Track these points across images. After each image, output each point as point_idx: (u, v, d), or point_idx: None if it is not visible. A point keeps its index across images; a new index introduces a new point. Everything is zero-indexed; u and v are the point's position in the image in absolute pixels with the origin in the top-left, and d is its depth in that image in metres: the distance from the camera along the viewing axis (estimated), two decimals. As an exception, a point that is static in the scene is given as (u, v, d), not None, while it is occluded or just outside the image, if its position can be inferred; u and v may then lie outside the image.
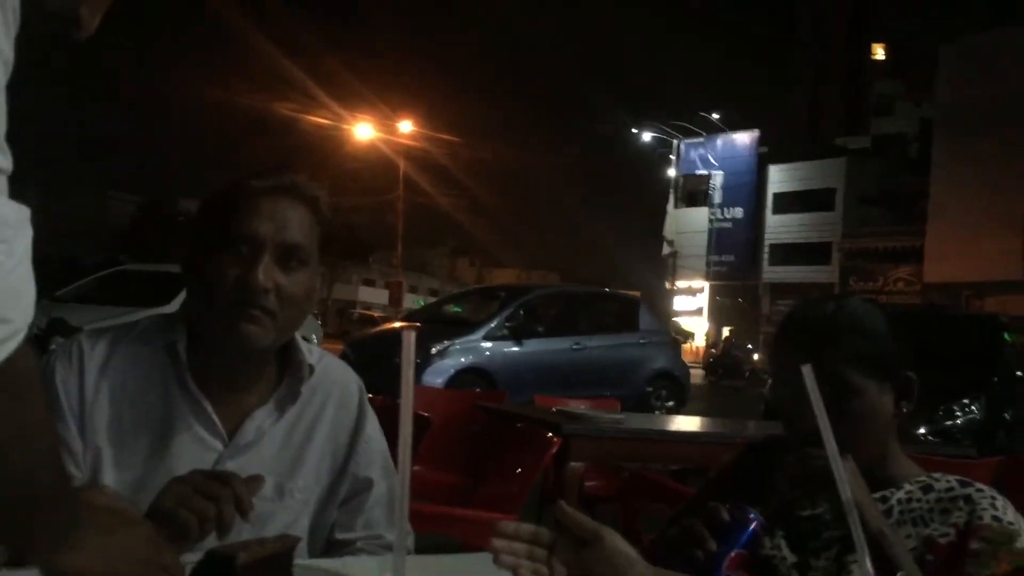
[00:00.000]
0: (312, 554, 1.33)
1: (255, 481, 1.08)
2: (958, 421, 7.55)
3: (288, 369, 1.33)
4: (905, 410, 1.25)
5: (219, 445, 1.26)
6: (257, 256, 1.22)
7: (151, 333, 1.29)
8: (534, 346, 10.75)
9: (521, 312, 11.06)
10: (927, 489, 1.21)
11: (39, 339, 7.38)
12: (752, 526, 1.01)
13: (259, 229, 1.23)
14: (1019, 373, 8.86)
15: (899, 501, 1.21)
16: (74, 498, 0.75)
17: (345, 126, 34.83)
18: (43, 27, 0.61)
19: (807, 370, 0.88)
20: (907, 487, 1.22)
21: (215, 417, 1.26)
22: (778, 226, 48.56)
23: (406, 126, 34.68)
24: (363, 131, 34.69)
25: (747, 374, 30.59)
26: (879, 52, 61.96)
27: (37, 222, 0.60)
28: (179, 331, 1.27)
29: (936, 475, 1.23)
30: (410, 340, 0.62)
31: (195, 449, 1.25)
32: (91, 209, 52.07)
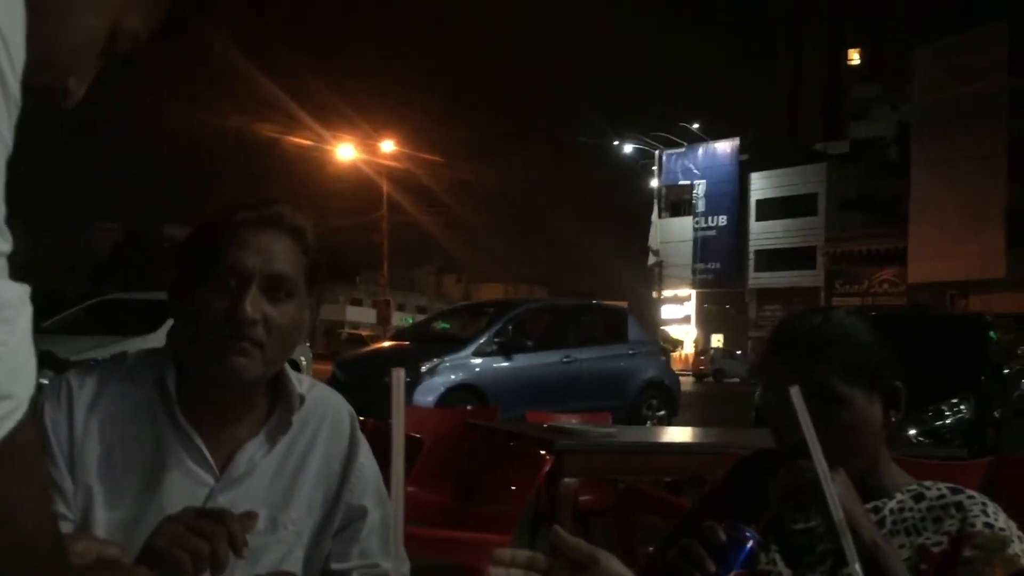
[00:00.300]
0: (308, 586, 1.32)
1: (249, 518, 1.08)
2: (947, 421, 7.58)
3: (279, 400, 1.33)
4: (894, 419, 1.27)
5: (210, 479, 1.25)
6: (244, 288, 1.22)
7: (139, 368, 1.29)
8: (524, 361, 10.75)
9: (510, 327, 11.07)
10: (919, 498, 1.22)
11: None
12: (749, 545, 1.01)
13: (245, 261, 1.23)
14: (1006, 371, 8.91)
15: (891, 511, 1.21)
16: (69, 566, 0.75)
17: (327, 147, 34.85)
18: (29, 100, 0.61)
19: (795, 391, 0.89)
20: (899, 496, 1.23)
21: (205, 450, 1.25)
22: (762, 232, 48.81)
23: (388, 146, 34.72)
24: (345, 152, 34.70)
25: None
26: (855, 57, 62.51)
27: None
28: (167, 365, 1.27)
29: (927, 483, 1.24)
30: (399, 378, 0.61)
31: (186, 484, 1.24)
32: (75, 239, 51.84)
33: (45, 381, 1.32)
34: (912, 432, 7.18)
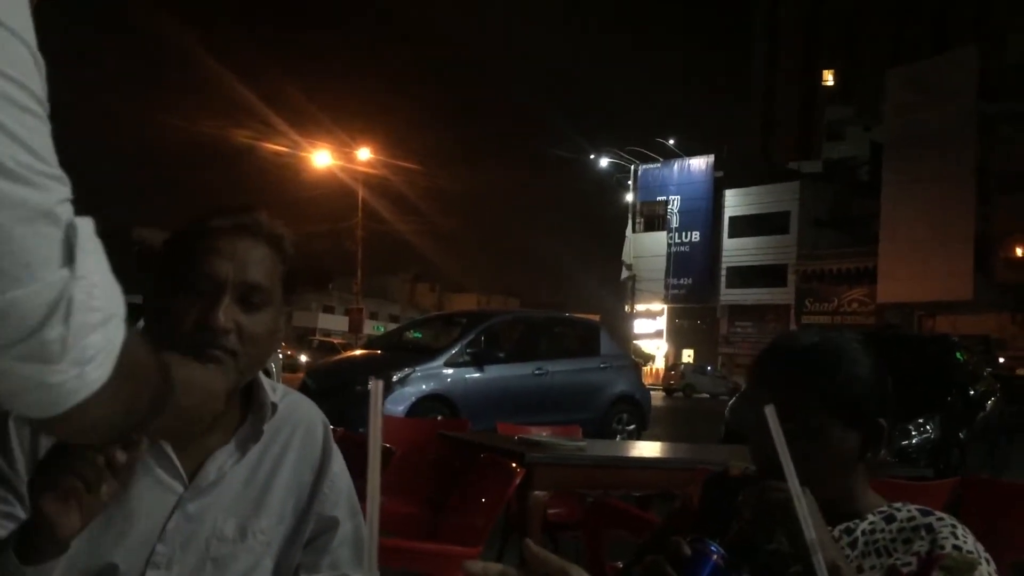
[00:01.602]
0: (276, 597, 1.30)
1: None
2: (914, 441, 7.66)
3: (251, 408, 1.31)
4: (870, 454, 1.26)
5: (179, 487, 1.23)
6: (218, 297, 1.20)
7: None
8: (495, 372, 10.73)
9: (482, 338, 11.04)
10: (890, 519, 1.23)
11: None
12: (713, 558, 1.01)
13: (219, 269, 1.21)
14: (972, 392, 9.02)
15: (863, 532, 1.22)
16: (172, 390, 0.94)
17: (303, 153, 34.68)
18: None
19: (770, 411, 0.89)
20: (871, 518, 1.24)
21: (175, 458, 1.23)
22: (734, 249, 49.20)
23: (364, 153, 34.64)
24: (321, 158, 34.56)
25: None
26: (829, 78, 63.31)
27: None
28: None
29: (898, 505, 1.25)
30: (378, 391, 0.60)
31: (154, 491, 1.22)
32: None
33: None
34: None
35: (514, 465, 3.06)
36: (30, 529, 1.01)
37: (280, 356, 13.58)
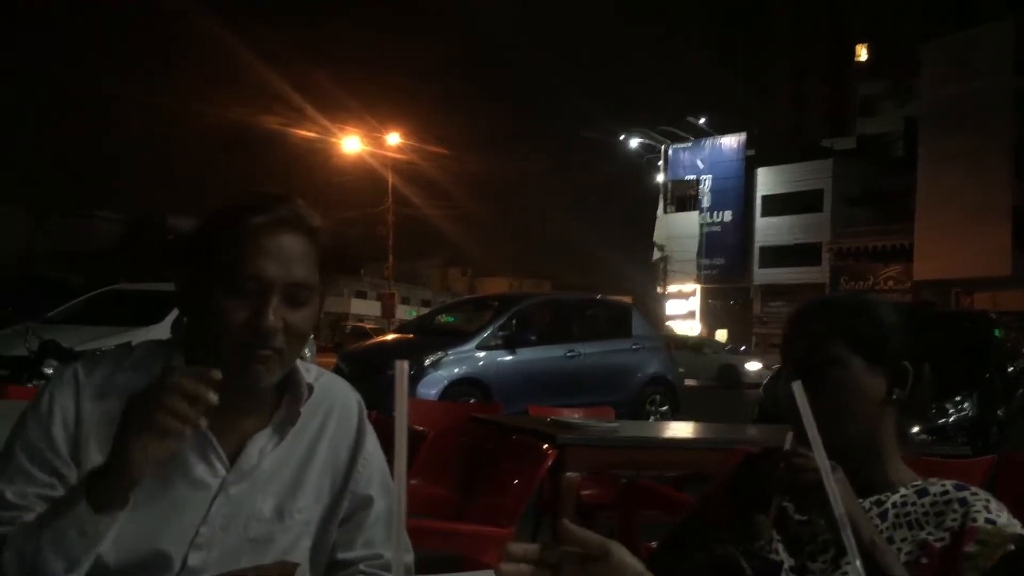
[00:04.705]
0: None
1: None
2: (951, 419, 7.57)
3: (286, 390, 1.33)
4: (896, 397, 1.27)
5: (222, 470, 1.25)
6: (266, 298, 1.20)
7: (148, 359, 1.28)
8: (528, 355, 10.75)
9: (514, 321, 11.06)
10: (922, 493, 1.22)
11: (32, 362, 7.26)
12: None
13: (266, 269, 1.20)
14: (1010, 369, 8.90)
15: (894, 504, 1.22)
16: None
17: (332, 139, 34.83)
18: None
19: (797, 386, 0.89)
20: (903, 491, 1.24)
21: (215, 441, 1.25)
22: (767, 228, 48.68)
23: (394, 138, 34.72)
24: (351, 144, 34.69)
25: None
26: (862, 53, 62.30)
27: (25, 243, 0.65)
28: (177, 357, 1.26)
29: (932, 480, 1.25)
30: (403, 370, 0.61)
31: (197, 474, 1.23)
32: (78, 229, 51.80)
33: (49, 370, 1.32)
34: (915, 429, 7.16)
35: (546, 447, 3.07)
36: (101, 477, 1.08)
37: (312, 338, 13.69)
